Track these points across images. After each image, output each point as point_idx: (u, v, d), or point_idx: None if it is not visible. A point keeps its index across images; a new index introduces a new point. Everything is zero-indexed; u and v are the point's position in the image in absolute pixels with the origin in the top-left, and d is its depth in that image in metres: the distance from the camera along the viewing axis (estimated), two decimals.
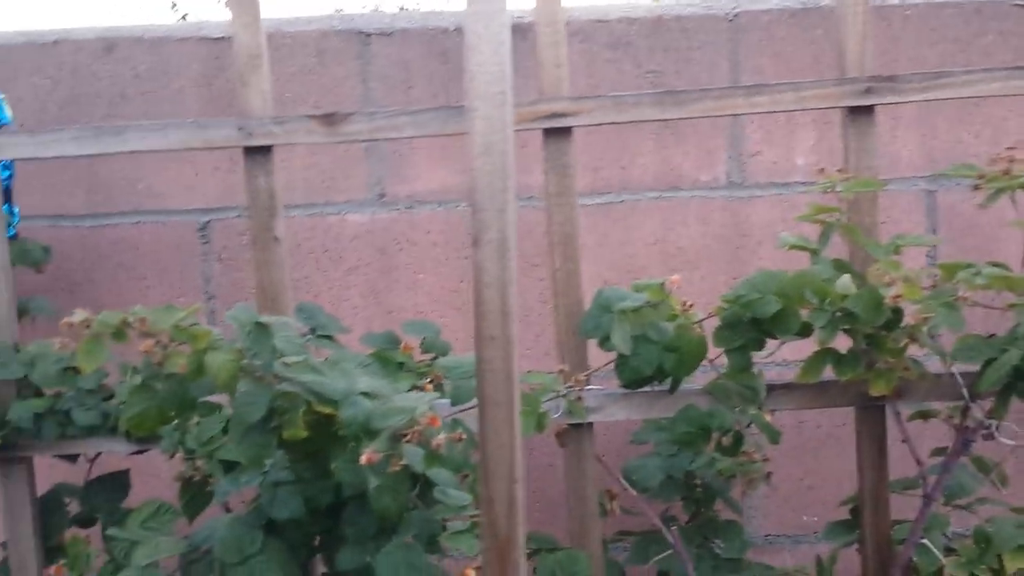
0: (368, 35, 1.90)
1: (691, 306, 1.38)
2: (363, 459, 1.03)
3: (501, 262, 0.94)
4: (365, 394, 1.09)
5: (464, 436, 1.06)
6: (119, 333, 1.08)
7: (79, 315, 1.09)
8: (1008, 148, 1.35)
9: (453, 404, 1.32)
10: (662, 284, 1.38)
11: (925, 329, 1.28)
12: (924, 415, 1.58)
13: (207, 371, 1.05)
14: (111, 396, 1.52)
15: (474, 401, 1.32)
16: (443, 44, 1.90)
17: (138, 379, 1.17)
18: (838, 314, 1.31)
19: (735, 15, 1.91)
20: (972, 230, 1.92)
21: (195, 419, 1.40)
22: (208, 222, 1.92)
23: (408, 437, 1.03)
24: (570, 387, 1.45)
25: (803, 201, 1.94)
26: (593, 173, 1.93)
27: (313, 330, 1.58)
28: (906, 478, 1.56)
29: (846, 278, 1.30)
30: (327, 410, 1.08)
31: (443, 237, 1.93)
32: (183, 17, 10.14)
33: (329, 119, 1.48)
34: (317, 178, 1.92)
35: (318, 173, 1.92)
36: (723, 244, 1.94)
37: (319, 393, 1.06)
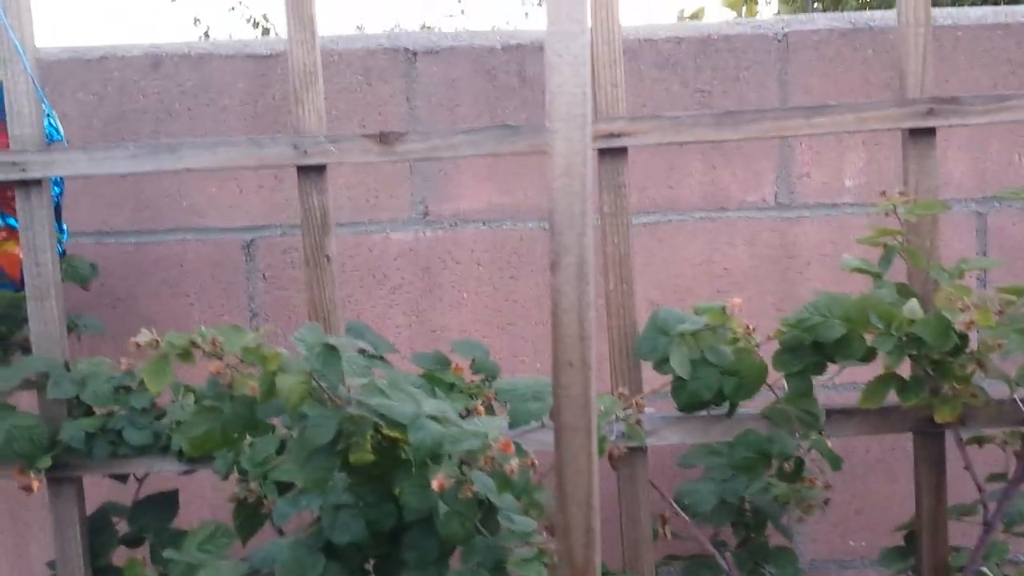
0: (415, 53, 1.89)
1: (754, 330, 1.36)
2: (434, 484, 1.01)
3: (580, 286, 0.92)
4: (433, 417, 1.07)
5: (536, 462, 1.04)
6: (186, 354, 1.07)
7: (145, 335, 1.08)
8: None
9: (511, 427, 1.30)
10: (723, 307, 1.36)
11: (994, 355, 1.26)
12: (980, 440, 1.56)
13: (278, 393, 1.04)
14: (163, 415, 1.51)
15: (532, 424, 1.31)
16: (490, 63, 1.89)
17: (202, 399, 1.16)
18: (904, 339, 1.29)
19: (784, 35, 1.90)
20: (1022, 252, 1.90)
21: (249, 439, 1.39)
22: (252, 240, 1.91)
23: (481, 463, 1.01)
24: (628, 410, 1.43)
25: (852, 223, 1.93)
26: (640, 192, 1.92)
27: (362, 350, 1.57)
28: (963, 504, 1.54)
29: (913, 302, 1.28)
30: (395, 433, 1.06)
31: (487, 256, 1.92)
32: (205, 33, 10.21)
33: (384, 138, 1.47)
34: (361, 196, 1.91)
35: (363, 191, 1.91)
36: (771, 265, 1.92)
37: (387, 417, 1.05)
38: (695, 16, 4.14)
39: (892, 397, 1.42)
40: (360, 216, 1.91)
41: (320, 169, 1.51)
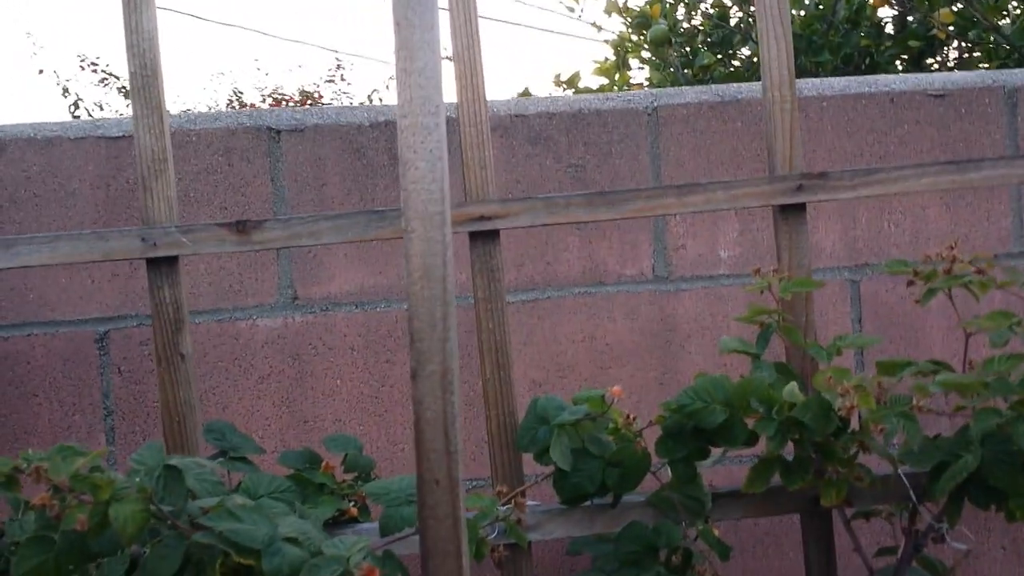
0: (278, 132, 1.81)
1: (634, 419, 1.31)
2: None
3: (445, 396, 0.86)
4: (291, 540, 0.98)
5: None
6: (10, 482, 0.96)
7: None
8: (948, 247, 1.33)
9: (383, 535, 1.21)
10: (602, 396, 1.31)
11: (878, 437, 1.24)
12: (867, 515, 1.54)
13: (112, 524, 0.93)
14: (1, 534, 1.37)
15: (406, 530, 1.22)
16: (358, 140, 1.83)
17: (32, 527, 1.04)
18: (786, 423, 1.26)
19: (654, 108, 1.89)
20: (897, 319, 1.91)
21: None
22: (106, 332, 1.78)
23: None
24: (507, 506, 1.36)
25: (730, 294, 1.92)
26: (517, 269, 1.87)
27: (224, 452, 1.46)
28: None
29: (793, 385, 1.25)
30: (248, 561, 0.97)
31: (361, 340, 1.84)
32: (75, 103, 9.90)
33: (241, 227, 1.38)
34: (224, 281, 1.81)
35: (225, 276, 1.81)
36: (652, 339, 1.89)
37: (237, 544, 0.95)
38: (571, 81, 4.16)
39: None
40: (223, 302, 1.81)
41: (172, 261, 1.42)
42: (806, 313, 1.47)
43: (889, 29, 3.83)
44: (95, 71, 10.24)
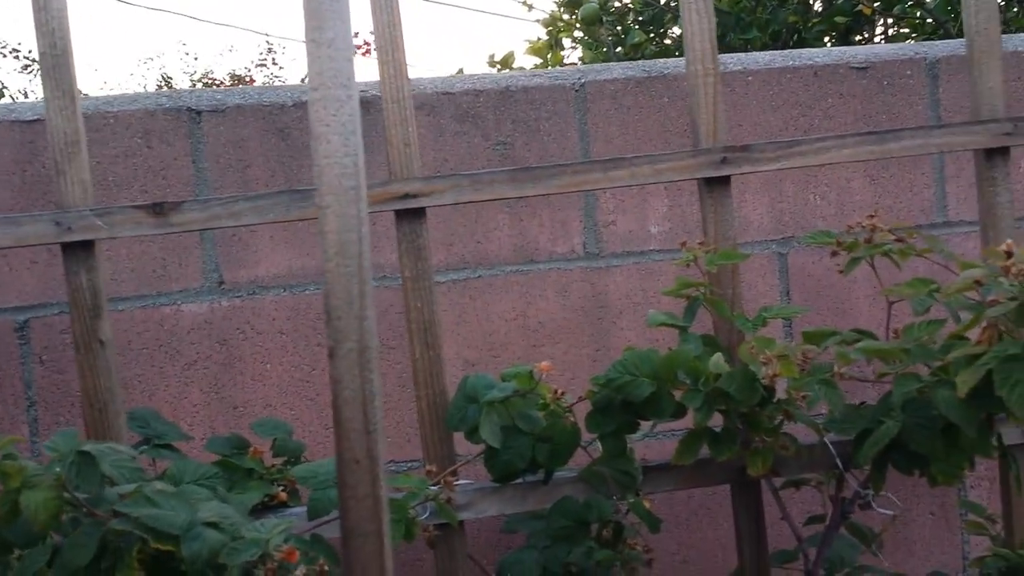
0: (199, 112, 1.77)
1: (562, 393, 1.31)
2: None
3: (363, 375, 0.84)
4: (212, 524, 0.96)
5: (327, 568, 0.95)
6: None
7: None
8: (869, 216, 1.34)
9: (311, 518, 1.20)
10: (531, 372, 1.30)
11: (802, 405, 1.25)
12: (796, 484, 1.56)
13: (23, 512, 0.91)
14: None
15: (333, 513, 1.21)
16: (282, 120, 1.79)
17: None
18: (712, 394, 1.27)
19: (581, 84, 1.88)
20: (824, 290, 1.94)
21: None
22: (26, 321, 1.74)
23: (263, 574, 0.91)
24: (438, 485, 1.35)
25: (661, 269, 1.92)
26: (447, 249, 1.85)
27: (148, 440, 1.43)
28: (786, 551, 1.53)
29: (718, 356, 1.26)
30: (166, 546, 0.95)
31: (290, 324, 1.81)
32: None
33: (158, 209, 1.35)
34: (147, 267, 1.77)
35: (148, 261, 1.77)
36: (584, 316, 1.89)
37: (155, 529, 0.93)
38: (504, 61, 4.14)
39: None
40: (147, 288, 1.77)
41: (87, 245, 1.38)
42: (733, 285, 1.48)
43: (818, 6, 3.87)
44: (17, 57, 9.97)
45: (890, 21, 3.54)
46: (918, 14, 3.56)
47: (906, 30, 3.73)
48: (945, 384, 1.16)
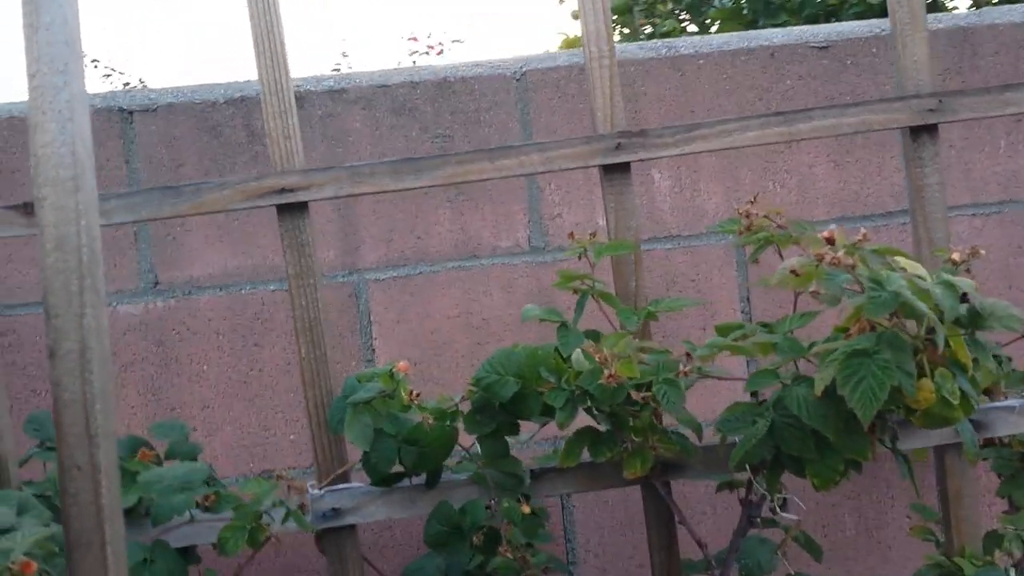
0: (131, 112, 1.77)
1: (418, 395, 1.25)
2: None
3: (83, 376, 0.80)
4: None
5: None
6: None
7: None
8: (749, 202, 1.25)
9: (154, 525, 1.17)
10: (391, 372, 1.25)
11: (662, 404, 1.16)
12: (731, 485, 1.46)
13: None
14: None
15: (177, 519, 1.18)
16: (214, 118, 1.78)
17: None
18: (576, 393, 1.19)
19: (523, 74, 1.82)
20: None
21: None
22: None
23: None
24: (321, 490, 1.31)
25: (608, 263, 1.84)
26: (386, 245, 1.81)
27: (42, 444, 1.43)
28: (694, 561, 1.43)
29: (578, 353, 1.18)
30: None
31: (227, 324, 1.80)
32: None
33: (28, 209, 1.34)
34: None
35: None
36: None
37: None
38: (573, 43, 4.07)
39: None
40: None
41: None
42: (636, 277, 1.39)
43: None
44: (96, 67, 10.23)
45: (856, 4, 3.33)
46: None
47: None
48: (802, 382, 1.06)
